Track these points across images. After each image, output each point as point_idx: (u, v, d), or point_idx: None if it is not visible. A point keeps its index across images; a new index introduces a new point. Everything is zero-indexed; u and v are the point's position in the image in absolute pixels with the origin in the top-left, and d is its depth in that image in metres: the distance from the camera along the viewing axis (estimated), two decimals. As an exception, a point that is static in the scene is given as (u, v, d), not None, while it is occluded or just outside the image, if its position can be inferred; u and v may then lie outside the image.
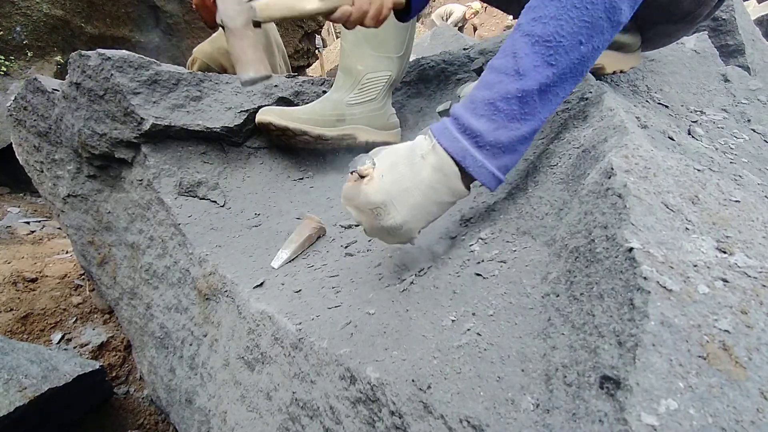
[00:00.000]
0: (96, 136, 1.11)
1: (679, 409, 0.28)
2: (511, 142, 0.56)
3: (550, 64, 0.53)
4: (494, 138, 0.55)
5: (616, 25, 0.54)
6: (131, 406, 1.36)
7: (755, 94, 1.25)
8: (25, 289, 1.54)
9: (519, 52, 0.54)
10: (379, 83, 1.22)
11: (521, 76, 0.54)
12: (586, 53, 0.54)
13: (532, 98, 0.54)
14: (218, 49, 2.07)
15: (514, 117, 0.55)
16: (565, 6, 0.52)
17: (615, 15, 0.53)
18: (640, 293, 0.33)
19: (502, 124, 0.55)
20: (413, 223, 0.61)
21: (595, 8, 0.52)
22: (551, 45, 0.53)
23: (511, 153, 0.57)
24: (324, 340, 0.61)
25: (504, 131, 0.55)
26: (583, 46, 0.53)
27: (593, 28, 0.52)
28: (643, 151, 0.47)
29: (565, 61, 0.53)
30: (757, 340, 0.31)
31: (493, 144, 0.56)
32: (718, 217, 0.42)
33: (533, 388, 0.40)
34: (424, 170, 0.58)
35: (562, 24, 0.52)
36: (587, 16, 0.52)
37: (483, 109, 0.56)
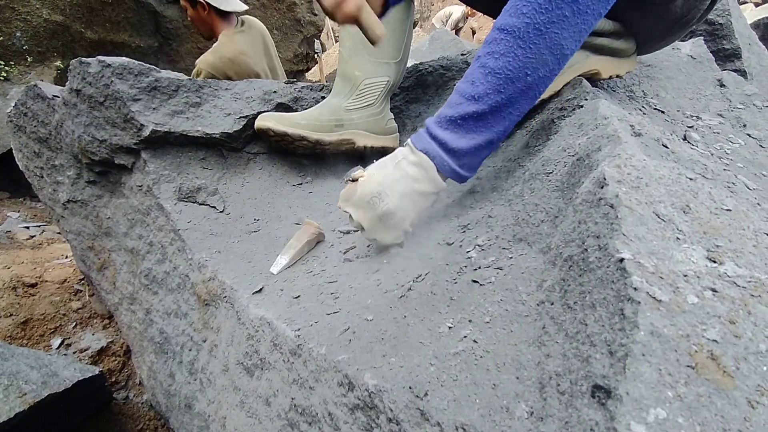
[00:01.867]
0: (96, 142, 1.12)
1: (668, 418, 0.29)
2: (470, 149, 0.69)
3: (499, 91, 0.65)
4: (456, 146, 0.69)
5: (561, 57, 0.64)
6: (131, 411, 1.37)
7: (751, 99, 1.26)
8: (24, 294, 1.54)
9: (476, 81, 0.66)
10: (377, 89, 1.23)
11: (476, 100, 0.66)
12: (532, 82, 0.65)
13: (486, 117, 0.67)
14: (221, 58, 2.07)
15: (471, 130, 0.68)
16: (512, 45, 0.62)
17: (559, 51, 0.63)
18: (631, 303, 0.34)
19: (462, 135, 0.69)
20: (404, 211, 0.72)
21: (538, 47, 0.62)
22: (500, 76, 0.64)
23: (472, 156, 0.70)
24: (322, 346, 0.62)
25: (464, 140, 0.69)
26: (529, 77, 0.64)
27: (537, 62, 0.63)
28: (636, 161, 0.48)
29: (512, 88, 0.64)
30: (745, 349, 0.32)
31: (455, 150, 0.69)
32: (709, 227, 0.42)
33: (527, 396, 0.41)
34: (407, 167, 0.72)
35: (510, 60, 0.63)
36: (531, 54, 0.62)
37: (446, 124, 0.69)
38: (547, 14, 0.60)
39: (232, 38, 2.14)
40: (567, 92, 0.86)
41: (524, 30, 0.61)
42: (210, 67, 2.05)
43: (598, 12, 0.62)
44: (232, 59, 2.08)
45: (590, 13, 0.61)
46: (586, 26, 0.62)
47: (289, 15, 4.05)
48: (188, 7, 2.16)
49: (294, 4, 4.03)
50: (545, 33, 0.61)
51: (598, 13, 0.62)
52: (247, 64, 2.13)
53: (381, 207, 0.71)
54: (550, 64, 0.63)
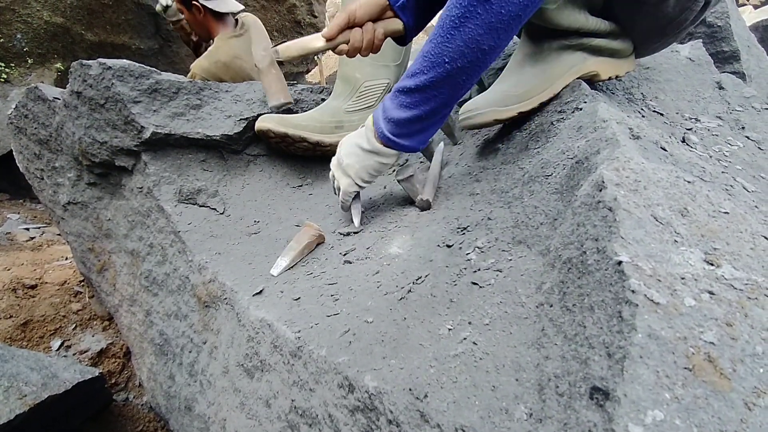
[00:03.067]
0: (96, 144, 1.13)
1: (666, 420, 0.29)
2: (400, 120, 0.78)
3: (424, 72, 0.73)
4: (391, 114, 0.80)
5: (479, 51, 0.69)
6: (130, 413, 1.37)
7: (749, 101, 1.27)
8: (24, 295, 1.55)
9: (416, 60, 0.75)
10: (377, 91, 1.24)
11: (410, 77, 0.75)
12: (452, 70, 0.71)
13: (414, 93, 0.75)
14: (215, 63, 2.06)
15: (402, 104, 0.77)
16: (436, 34, 0.70)
17: (474, 44, 0.68)
18: (629, 306, 0.34)
19: (397, 106, 0.79)
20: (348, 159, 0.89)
21: (454, 39, 0.68)
22: (426, 59, 0.72)
23: (401, 127, 0.80)
24: (323, 348, 0.62)
25: (397, 111, 0.79)
26: (447, 64, 0.70)
27: (454, 52, 0.69)
28: (634, 164, 0.48)
29: (434, 72, 0.72)
30: (742, 351, 0.32)
31: (390, 118, 0.80)
32: (706, 229, 0.43)
33: (527, 398, 0.41)
34: (361, 128, 0.89)
35: (433, 46, 0.71)
36: (449, 43, 0.69)
37: (392, 93, 0.80)
38: (461, 9, 0.66)
39: (228, 42, 2.14)
40: (566, 95, 0.86)
41: (444, 21, 0.68)
42: (204, 72, 2.04)
43: (515, 14, 0.65)
44: (227, 63, 2.08)
45: (505, 14, 0.64)
46: (503, 26, 0.66)
47: (289, 17, 4.06)
48: (184, 11, 2.16)
49: (294, 6, 4.04)
50: (460, 26, 0.67)
51: (515, 14, 0.65)
52: (242, 68, 2.12)
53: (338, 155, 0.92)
54: (467, 56, 0.69)
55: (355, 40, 0.88)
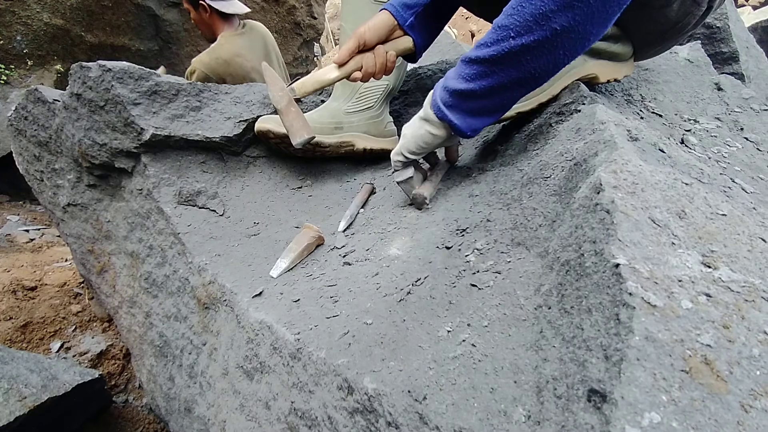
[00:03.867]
0: (96, 146, 1.13)
1: (662, 422, 0.29)
2: (456, 90, 0.75)
3: (488, 45, 0.69)
4: (450, 84, 0.76)
5: (548, 30, 0.64)
6: (130, 415, 1.37)
7: (748, 102, 1.27)
8: (24, 297, 1.55)
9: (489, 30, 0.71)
10: (377, 92, 1.24)
11: (477, 47, 0.71)
12: (515, 47, 0.66)
13: (473, 65, 0.72)
14: (216, 59, 2.08)
15: (462, 75, 0.74)
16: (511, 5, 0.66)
17: (544, 20, 0.63)
18: (626, 309, 0.34)
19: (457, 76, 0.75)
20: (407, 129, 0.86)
21: (523, 11, 0.64)
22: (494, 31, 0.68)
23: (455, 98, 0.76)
24: (322, 350, 0.62)
25: (456, 81, 0.75)
26: (512, 39, 0.66)
27: (521, 26, 0.65)
28: (632, 167, 0.48)
29: (497, 46, 0.68)
30: (738, 354, 0.32)
31: (448, 87, 0.77)
32: (704, 232, 0.43)
33: (525, 400, 0.41)
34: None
35: (504, 17, 0.67)
36: (517, 15, 0.65)
37: (459, 63, 0.76)
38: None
39: (231, 40, 2.16)
40: (565, 96, 0.87)
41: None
42: (204, 67, 2.06)
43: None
44: (227, 61, 2.09)
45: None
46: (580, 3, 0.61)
47: (288, 18, 4.06)
48: (191, 10, 2.19)
49: (293, 8, 4.05)
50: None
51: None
52: (242, 66, 2.14)
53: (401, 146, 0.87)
54: (535, 33, 0.64)
55: (368, 66, 0.88)
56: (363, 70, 0.88)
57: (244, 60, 2.15)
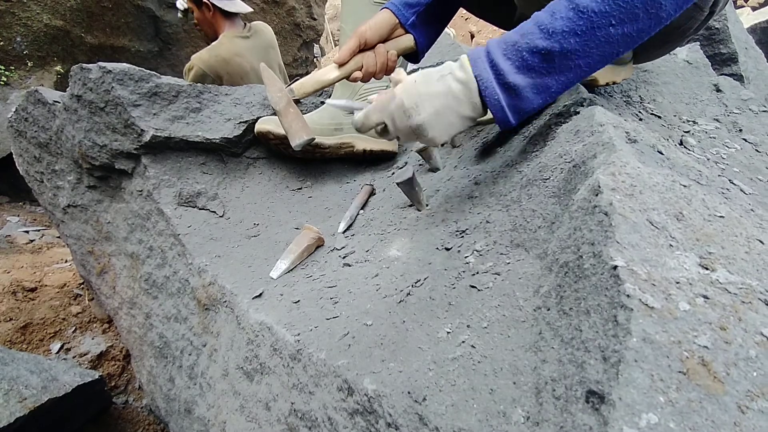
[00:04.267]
0: (96, 148, 1.13)
1: (660, 423, 0.29)
2: (524, 89, 0.63)
3: (576, 33, 0.58)
4: (512, 80, 0.62)
5: (654, 17, 0.57)
6: (130, 416, 1.37)
7: (747, 104, 1.27)
8: (24, 298, 1.55)
9: (557, 14, 0.59)
10: (376, 93, 1.24)
11: (549, 36, 0.59)
12: (614, 35, 0.58)
13: (553, 59, 0.60)
14: (215, 57, 2.10)
15: (532, 68, 0.62)
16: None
17: (653, 8, 0.56)
18: (624, 310, 0.34)
19: (521, 70, 0.62)
20: (437, 130, 0.68)
21: None
22: (583, 17, 0.57)
23: (521, 99, 0.64)
24: (322, 351, 0.63)
25: (521, 77, 0.62)
26: (612, 28, 0.57)
27: (626, 13, 0.56)
28: (630, 169, 0.49)
29: (590, 35, 0.58)
30: (735, 355, 0.32)
31: (510, 85, 0.63)
32: (701, 233, 0.43)
33: (524, 401, 0.41)
34: (452, 83, 0.67)
35: (599, 2, 0.57)
36: (622, 2, 0.56)
37: (512, 53, 0.63)
38: None
39: (233, 40, 2.18)
40: (564, 98, 0.87)
41: None
42: (203, 64, 2.08)
43: None
44: (226, 59, 2.11)
45: None
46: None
47: (288, 19, 4.07)
48: (194, 9, 2.21)
49: (293, 9, 4.05)
50: None
51: None
52: (241, 66, 2.15)
53: (415, 119, 0.67)
54: (639, 21, 0.57)
55: (369, 65, 0.85)
56: (363, 69, 0.85)
57: (244, 60, 2.16)
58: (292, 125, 0.88)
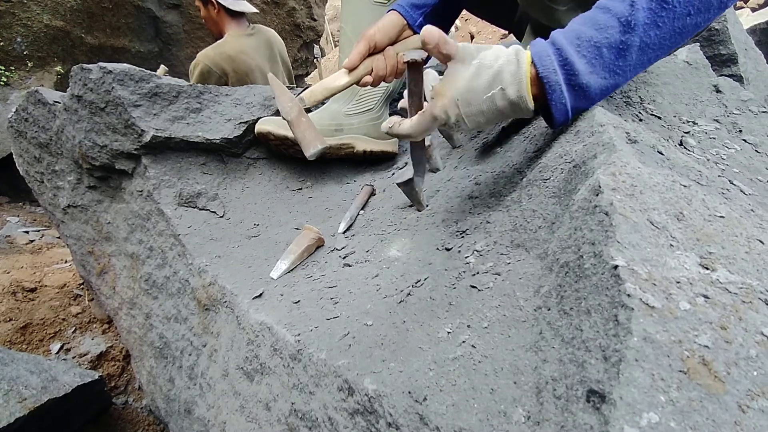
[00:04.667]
0: (97, 148, 1.13)
1: (661, 422, 0.30)
2: (595, 90, 0.58)
3: (657, 25, 0.55)
4: (586, 81, 0.57)
5: (722, 5, 0.56)
6: (130, 417, 1.37)
7: (747, 104, 1.27)
8: (24, 299, 1.55)
9: (636, 4, 0.55)
10: (377, 94, 1.24)
11: (631, 29, 0.55)
12: (688, 25, 0.55)
13: (630, 54, 0.56)
14: (220, 54, 2.14)
15: (608, 67, 0.57)
16: None
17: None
18: (624, 310, 0.34)
19: (597, 70, 0.57)
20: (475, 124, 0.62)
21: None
22: (667, 6, 0.54)
23: (587, 100, 0.60)
24: (322, 351, 0.63)
25: (595, 77, 0.57)
26: (689, 17, 0.55)
27: (703, 2, 0.54)
28: (631, 169, 0.49)
29: (669, 26, 0.55)
30: (736, 354, 0.33)
31: (582, 86, 0.58)
32: (702, 233, 0.43)
33: (525, 401, 0.41)
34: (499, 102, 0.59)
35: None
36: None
37: (587, 50, 0.57)
38: None
39: (238, 39, 2.24)
40: (564, 99, 0.87)
41: None
42: (209, 61, 2.12)
43: None
44: (232, 56, 2.15)
45: None
46: None
47: (288, 20, 4.07)
48: (201, 7, 2.27)
49: (293, 10, 4.06)
50: None
51: None
52: (246, 63, 2.19)
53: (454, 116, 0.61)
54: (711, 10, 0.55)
55: (379, 68, 0.84)
56: (374, 73, 0.84)
57: (248, 58, 2.21)
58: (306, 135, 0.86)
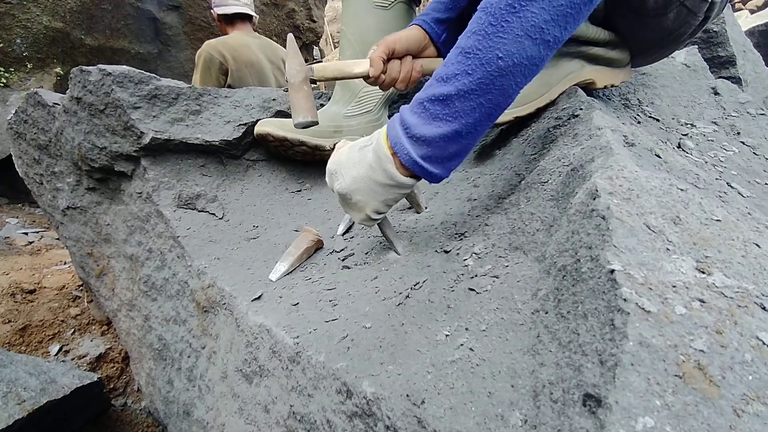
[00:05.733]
0: (96, 150, 1.13)
1: (656, 427, 0.30)
2: (434, 138, 0.62)
3: (467, 73, 0.58)
4: (419, 132, 0.63)
5: (543, 44, 0.56)
6: (129, 418, 1.37)
7: (744, 107, 1.28)
8: (23, 300, 1.55)
9: (448, 61, 0.61)
10: (376, 96, 1.25)
11: (445, 81, 0.60)
12: (505, 67, 0.57)
13: (453, 102, 0.60)
14: (224, 43, 2.28)
15: (437, 116, 0.61)
16: (483, 22, 0.56)
17: (537, 34, 0.55)
18: (620, 314, 0.34)
19: (427, 121, 0.62)
20: (360, 196, 0.70)
21: (511, 27, 0.55)
22: (470, 56, 0.58)
23: (435, 147, 0.63)
24: (321, 353, 0.63)
25: (428, 127, 0.62)
26: (501, 60, 0.56)
27: (511, 44, 0.55)
28: (628, 173, 0.49)
29: (482, 71, 0.57)
30: (731, 359, 0.33)
31: (418, 137, 0.63)
32: (698, 237, 0.43)
33: (522, 404, 0.42)
34: (368, 152, 0.69)
35: (480, 38, 0.57)
36: (503, 33, 0.55)
37: (416, 106, 0.64)
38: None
39: (242, 37, 2.38)
40: (563, 101, 0.87)
41: (494, 7, 0.56)
42: (211, 48, 2.25)
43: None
44: (234, 46, 2.30)
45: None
46: (573, 11, 0.55)
47: (288, 22, 4.07)
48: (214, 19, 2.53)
49: (293, 11, 4.06)
50: (519, 11, 0.54)
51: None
52: (247, 55, 2.32)
53: (336, 185, 0.72)
54: (528, 50, 0.56)
55: (393, 71, 0.84)
56: (387, 74, 0.84)
57: (250, 52, 2.34)
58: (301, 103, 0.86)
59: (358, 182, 0.69)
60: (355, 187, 0.69)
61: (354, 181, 0.69)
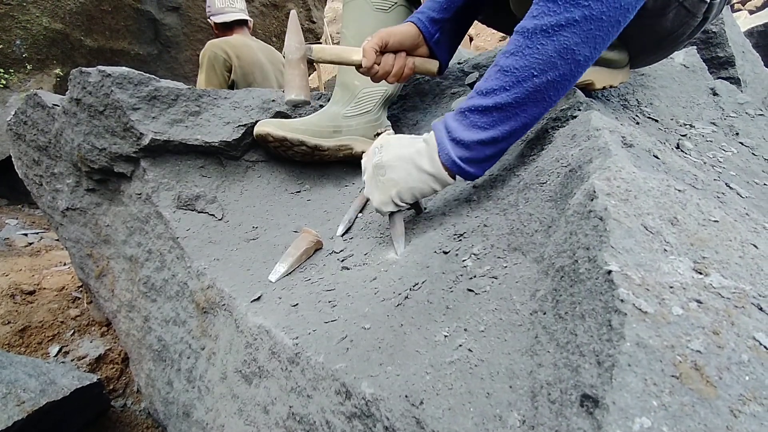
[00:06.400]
0: (95, 151, 1.13)
1: (653, 427, 0.30)
2: (473, 142, 0.70)
3: (506, 89, 0.66)
4: (459, 136, 0.71)
5: (573, 62, 0.63)
6: (128, 419, 1.37)
7: (743, 107, 1.28)
8: (22, 301, 1.55)
9: (488, 77, 0.69)
10: (375, 97, 1.25)
11: (484, 95, 0.68)
12: (540, 84, 0.65)
13: (491, 113, 0.68)
14: (226, 41, 2.33)
15: (475, 125, 0.70)
16: (521, 45, 0.64)
17: (568, 55, 0.62)
18: (618, 315, 0.35)
19: (467, 127, 0.70)
20: (395, 172, 0.76)
21: (546, 49, 0.62)
22: (508, 74, 0.66)
23: (474, 150, 0.71)
24: (320, 354, 0.63)
25: (467, 133, 0.70)
26: (536, 78, 0.64)
27: (545, 64, 0.63)
28: (625, 174, 0.49)
29: (519, 88, 0.65)
30: (728, 359, 0.33)
31: (459, 140, 0.71)
32: (696, 238, 0.44)
33: (520, 405, 0.42)
34: (418, 141, 0.77)
35: (517, 59, 0.65)
36: (538, 54, 0.63)
37: (458, 114, 0.72)
38: (554, 16, 0.60)
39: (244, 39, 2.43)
40: (561, 102, 0.87)
41: (531, 30, 0.62)
42: (214, 47, 2.29)
43: (615, 20, 0.61)
44: (236, 46, 2.34)
45: (605, 20, 0.60)
46: (601, 33, 0.61)
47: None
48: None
49: (292, 12, 4.06)
50: (553, 35, 0.61)
51: (615, 21, 0.61)
52: (249, 55, 2.36)
53: (376, 158, 0.78)
54: (560, 68, 0.63)
55: (386, 64, 0.87)
56: (381, 66, 0.87)
57: (252, 52, 2.39)
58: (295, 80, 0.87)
59: (400, 160, 0.76)
60: (395, 164, 0.76)
61: (396, 158, 0.76)
